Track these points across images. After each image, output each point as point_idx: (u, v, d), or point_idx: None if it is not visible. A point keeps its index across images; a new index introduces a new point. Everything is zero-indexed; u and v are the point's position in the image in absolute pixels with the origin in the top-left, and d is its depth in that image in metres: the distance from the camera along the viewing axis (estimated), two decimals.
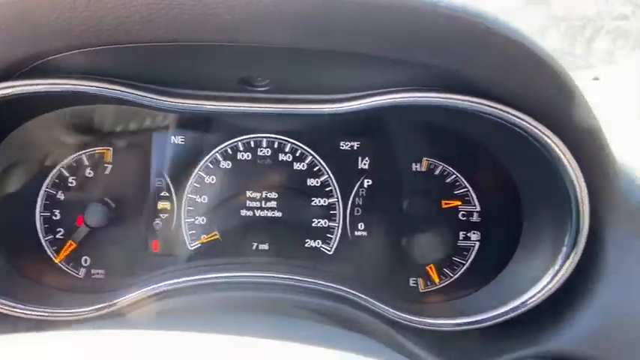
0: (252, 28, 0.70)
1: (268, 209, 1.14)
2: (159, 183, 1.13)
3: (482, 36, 0.68)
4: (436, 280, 1.14)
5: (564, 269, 0.86)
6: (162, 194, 1.13)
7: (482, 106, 0.80)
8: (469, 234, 1.14)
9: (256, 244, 1.14)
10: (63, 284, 1.11)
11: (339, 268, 1.13)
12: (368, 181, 1.14)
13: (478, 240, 1.13)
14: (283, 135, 1.14)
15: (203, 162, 1.13)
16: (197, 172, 1.13)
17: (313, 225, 1.15)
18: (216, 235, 1.14)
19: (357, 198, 1.15)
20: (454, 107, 0.83)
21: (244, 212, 1.14)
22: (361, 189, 1.15)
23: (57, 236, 1.12)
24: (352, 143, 1.14)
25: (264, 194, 1.14)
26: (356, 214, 1.15)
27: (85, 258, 1.13)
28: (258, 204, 1.14)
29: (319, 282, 1.01)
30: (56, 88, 0.84)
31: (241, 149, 1.14)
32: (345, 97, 0.91)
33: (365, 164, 1.15)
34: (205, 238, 1.14)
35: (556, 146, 0.80)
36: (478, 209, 1.13)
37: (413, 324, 0.98)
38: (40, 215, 1.12)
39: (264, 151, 1.14)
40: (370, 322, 0.98)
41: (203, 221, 1.14)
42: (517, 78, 0.76)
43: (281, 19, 0.67)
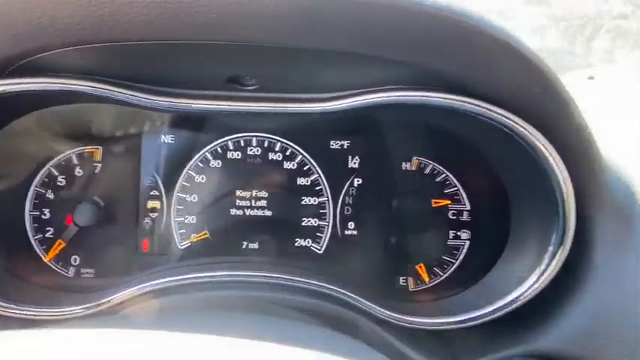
0: (236, 27, 0.70)
1: (258, 208, 1.14)
2: (149, 182, 1.13)
3: (466, 35, 0.68)
4: (426, 280, 1.14)
5: (550, 268, 0.86)
6: (152, 193, 1.13)
7: (467, 105, 0.80)
8: (459, 233, 1.14)
9: (246, 244, 1.14)
10: (52, 283, 1.11)
11: (329, 268, 1.13)
12: (358, 180, 1.14)
13: (468, 239, 1.14)
14: (273, 134, 1.14)
15: (193, 161, 1.13)
16: (187, 171, 1.13)
17: (303, 224, 1.15)
18: (206, 235, 1.14)
19: (347, 197, 1.15)
20: (440, 106, 0.83)
21: (234, 211, 1.14)
22: (351, 188, 1.15)
23: (46, 235, 1.12)
24: (342, 142, 1.14)
25: (254, 193, 1.14)
26: (346, 213, 1.15)
27: (75, 257, 1.13)
28: (248, 203, 1.14)
29: (309, 281, 1.01)
30: (43, 87, 0.84)
31: (231, 148, 1.14)
32: (333, 96, 0.91)
33: (355, 163, 1.15)
34: (195, 237, 1.14)
35: (542, 145, 0.80)
36: (468, 208, 1.13)
37: (401, 323, 0.98)
38: (30, 214, 1.12)
39: (254, 150, 1.14)
40: (359, 321, 0.98)
41: (193, 220, 1.14)
42: (502, 77, 0.76)
43: (265, 18, 0.67)
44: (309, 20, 0.68)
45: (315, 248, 1.15)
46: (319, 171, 1.14)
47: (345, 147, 1.15)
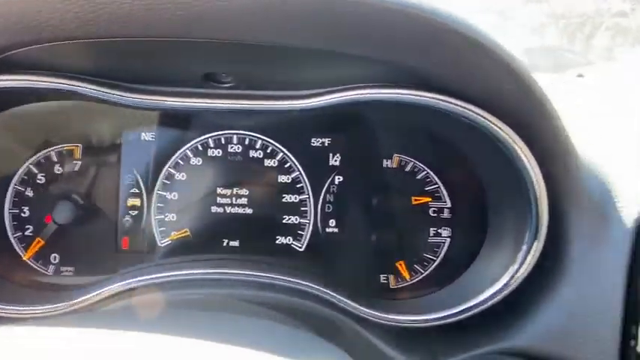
0: (205, 24, 0.69)
1: (239, 206, 1.14)
2: (129, 180, 1.13)
3: (436, 32, 0.68)
4: (407, 277, 1.13)
5: (525, 265, 0.86)
6: (132, 191, 1.13)
7: (441, 103, 0.80)
8: (440, 230, 1.13)
9: (227, 241, 1.14)
10: (32, 281, 1.11)
11: (310, 265, 1.13)
12: (339, 178, 1.14)
13: (449, 236, 1.13)
14: (254, 131, 1.13)
15: (173, 159, 1.13)
16: (167, 169, 1.13)
17: (284, 222, 1.14)
18: (186, 232, 1.14)
19: (328, 194, 1.14)
20: (416, 104, 0.83)
21: (215, 209, 1.14)
22: (332, 185, 1.14)
23: (25, 233, 1.12)
24: (323, 140, 1.14)
25: (235, 191, 1.14)
26: (327, 211, 1.14)
27: (55, 255, 1.13)
28: (229, 201, 1.14)
29: (289, 279, 1.01)
30: (14, 84, 0.84)
31: (212, 146, 1.13)
32: (309, 94, 0.91)
33: (336, 161, 1.14)
34: (175, 235, 1.14)
35: (513, 142, 0.80)
36: (449, 206, 1.13)
37: (381, 321, 0.98)
38: (9, 212, 1.12)
39: (234, 148, 1.14)
40: (337, 319, 0.98)
41: (173, 218, 1.14)
42: (475, 75, 0.76)
43: (233, 15, 0.66)
44: (275, 17, 0.67)
45: (296, 246, 1.15)
46: (300, 168, 1.14)
47: (326, 144, 1.14)
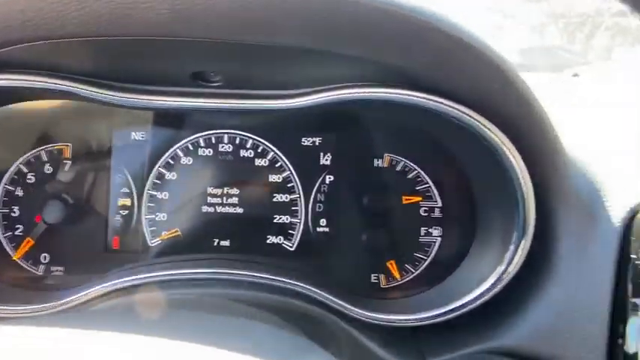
0: (190, 23, 0.69)
1: (230, 205, 1.14)
2: (119, 179, 1.13)
3: (419, 31, 0.68)
4: (397, 276, 1.13)
5: (512, 267, 0.85)
6: (122, 190, 1.13)
7: (425, 102, 0.80)
8: (430, 230, 1.13)
9: (217, 241, 1.14)
10: (22, 281, 1.11)
11: (301, 265, 1.13)
12: (330, 177, 1.14)
13: (440, 236, 1.13)
14: (245, 131, 1.13)
15: (164, 158, 1.12)
16: (158, 169, 1.13)
17: (275, 221, 1.14)
18: (177, 232, 1.14)
19: (319, 194, 1.14)
20: (402, 103, 0.83)
21: (205, 208, 1.14)
22: (323, 185, 1.14)
23: (15, 233, 1.12)
24: (314, 139, 1.14)
25: (225, 190, 1.14)
26: (318, 210, 1.14)
27: (45, 255, 1.13)
28: (219, 200, 1.14)
29: (280, 279, 1.01)
30: (3, 84, 0.84)
31: (202, 145, 1.13)
32: (297, 93, 0.91)
33: (327, 160, 1.14)
34: (166, 235, 1.13)
35: (499, 141, 0.80)
36: (440, 205, 1.13)
37: (371, 320, 0.98)
38: None
39: (225, 147, 1.14)
40: (327, 319, 0.98)
41: (164, 218, 1.14)
42: (460, 74, 0.76)
43: (218, 14, 0.66)
44: (263, 17, 0.67)
45: (286, 245, 1.15)
46: (291, 168, 1.14)
47: (317, 144, 1.14)
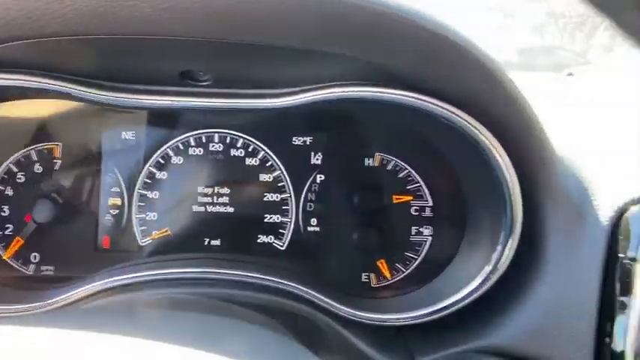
0: (175, 22, 0.69)
1: (220, 205, 1.14)
2: (109, 178, 1.12)
3: (402, 29, 0.68)
4: (388, 276, 1.13)
5: (499, 267, 0.85)
6: (112, 190, 1.12)
7: (412, 100, 0.79)
8: (421, 229, 1.13)
9: (208, 240, 1.14)
10: (12, 281, 1.10)
11: (292, 264, 1.12)
12: (320, 177, 1.14)
13: (430, 235, 1.13)
14: (236, 130, 1.13)
15: (154, 157, 1.12)
16: (148, 168, 1.12)
17: (265, 220, 1.14)
18: (167, 231, 1.13)
19: (310, 193, 1.14)
20: (390, 101, 0.83)
21: (196, 208, 1.13)
22: (314, 184, 1.14)
23: (5, 232, 1.12)
24: (305, 138, 1.14)
25: (216, 190, 1.13)
26: (308, 210, 1.14)
27: (35, 254, 1.12)
28: (210, 199, 1.13)
29: (270, 278, 1.01)
30: None
31: (193, 144, 1.13)
32: (286, 92, 0.91)
33: (317, 159, 1.14)
34: (156, 234, 1.13)
35: (486, 139, 0.79)
36: (430, 204, 1.13)
37: (360, 319, 0.98)
38: None
39: (216, 147, 1.13)
40: (316, 319, 0.98)
41: (154, 217, 1.13)
42: (445, 72, 0.76)
43: (198, 12, 0.66)
44: (246, 16, 0.67)
45: (277, 245, 1.14)
46: (282, 167, 1.13)
47: (308, 143, 1.14)
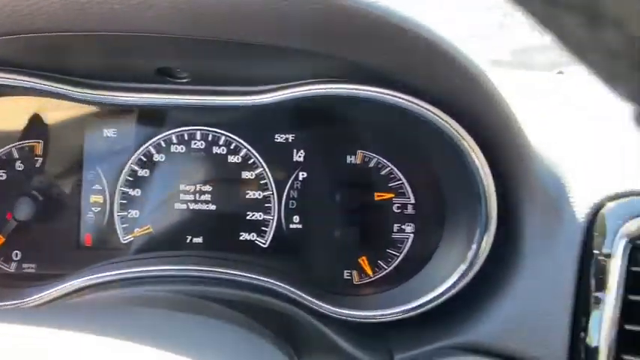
0: (144, 18, 0.69)
1: (202, 202, 1.13)
2: (91, 176, 1.12)
3: (373, 26, 0.68)
4: (369, 273, 1.13)
5: (475, 264, 0.86)
6: (94, 187, 1.12)
7: (385, 97, 0.79)
8: (403, 226, 1.13)
9: (190, 238, 1.14)
10: None
11: (274, 262, 1.12)
12: (303, 174, 1.14)
13: (412, 232, 1.13)
14: (218, 128, 1.13)
15: (136, 155, 1.12)
16: (130, 165, 1.12)
17: (248, 218, 1.14)
18: (149, 229, 1.13)
19: (292, 191, 1.14)
20: (366, 99, 0.83)
21: (178, 205, 1.13)
22: (296, 182, 1.14)
23: None
24: (287, 136, 1.14)
25: (198, 187, 1.13)
26: (291, 207, 1.14)
27: (16, 252, 1.12)
28: (192, 197, 1.13)
29: (252, 276, 1.01)
30: None
31: (175, 142, 1.13)
32: (263, 90, 0.91)
33: (300, 157, 1.14)
34: (138, 232, 1.13)
35: (460, 136, 0.79)
36: (412, 202, 1.13)
37: (341, 317, 0.98)
38: None
39: (198, 144, 1.13)
40: (298, 315, 0.98)
41: (136, 215, 1.13)
42: (419, 68, 0.76)
43: (166, 8, 0.66)
44: (215, 12, 0.67)
45: (259, 242, 1.14)
46: (264, 165, 1.13)
47: (290, 140, 1.14)
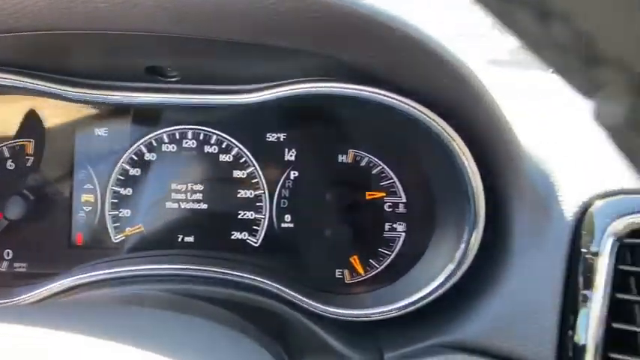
0: (130, 16, 0.69)
1: (194, 201, 1.13)
2: (82, 175, 1.12)
3: (360, 25, 0.68)
4: (361, 272, 1.13)
5: (463, 263, 0.86)
6: (85, 187, 1.12)
7: (374, 96, 0.79)
8: (395, 225, 1.13)
9: (182, 237, 1.13)
10: None
11: (265, 261, 1.12)
12: (294, 173, 1.14)
13: (404, 231, 1.13)
14: (209, 127, 1.13)
15: (127, 154, 1.12)
16: (121, 165, 1.12)
17: (239, 217, 1.14)
18: (140, 228, 1.13)
19: (284, 190, 1.14)
20: (355, 97, 0.83)
21: (169, 204, 1.13)
22: (287, 181, 1.14)
23: None
24: (278, 135, 1.14)
25: (189, 186, 1.13)
26: (282, 206, 1.14)
27: (8, 251, 1.12)
28: (183, 196, 1.13)
29: (244, 275, 1.01)
30: None
31: (166, 141, 1.13)
32: (252, 89, 0.91)
33: (291, 156, 1.14)
34: (130, 231, 1.13)
35: (448, 135, 0.79)
36: (404, 200, 1.13)
37: (332, 315, 0.98)
38: None
39: (189, 143, 1.13)
40: (288, 315, 0.98)
41: (128, 214, 1.13)
42: (407, 67, 0.76)
43: (150, 6, 0.66)
44: (196, 10, 0.67)
45: (251, 241, 1.14)
46: (255, 164, 1.13)
47: (282, 139, 1.14)
